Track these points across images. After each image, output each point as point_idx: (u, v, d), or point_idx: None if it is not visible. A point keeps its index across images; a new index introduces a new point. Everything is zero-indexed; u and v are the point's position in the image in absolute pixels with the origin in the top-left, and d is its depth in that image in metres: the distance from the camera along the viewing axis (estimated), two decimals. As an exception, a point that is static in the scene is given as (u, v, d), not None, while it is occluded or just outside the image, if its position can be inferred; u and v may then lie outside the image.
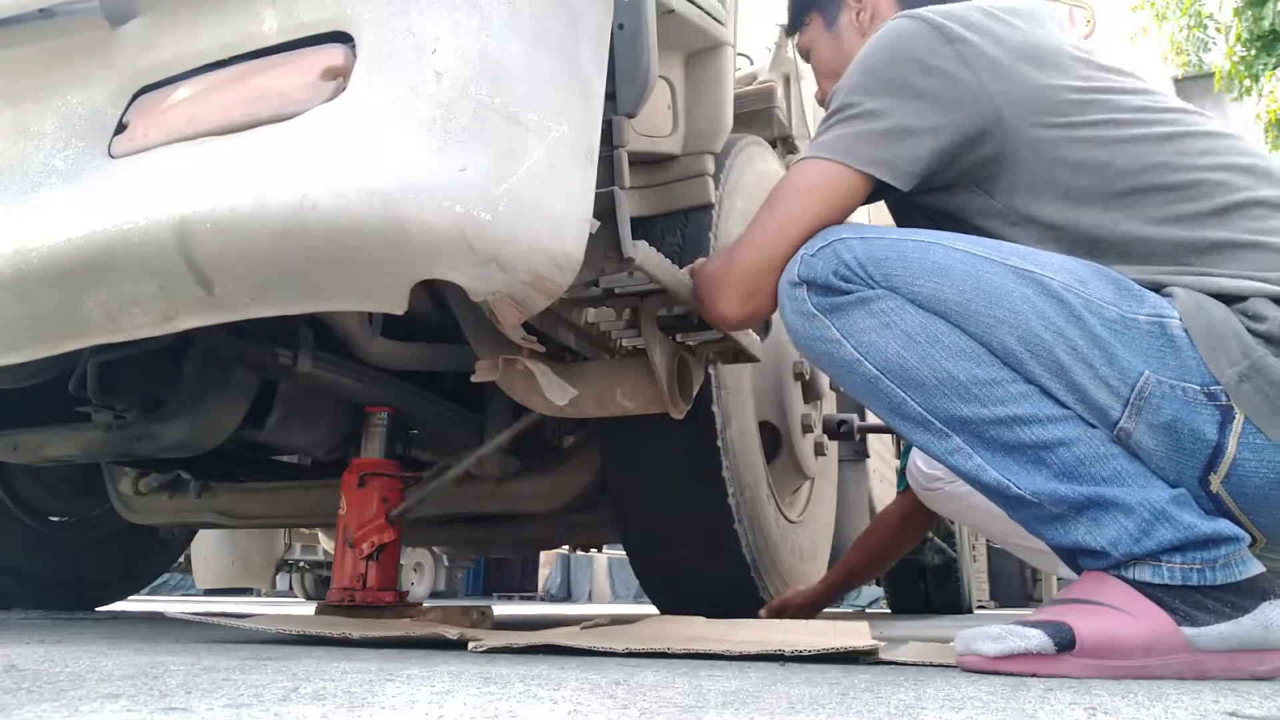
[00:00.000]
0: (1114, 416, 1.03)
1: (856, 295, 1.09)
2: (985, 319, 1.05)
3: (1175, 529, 0.99)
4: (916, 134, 1.16)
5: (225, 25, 1.02)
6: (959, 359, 1.06)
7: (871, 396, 1.12)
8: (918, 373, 1.07)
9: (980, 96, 1.15)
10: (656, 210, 1.69)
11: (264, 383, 1.85)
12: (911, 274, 1.08)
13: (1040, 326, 1.04)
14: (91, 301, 1.00)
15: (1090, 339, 1.03)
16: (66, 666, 0.92)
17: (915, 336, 1.07)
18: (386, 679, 0.84)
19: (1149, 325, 1.04)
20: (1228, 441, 1.01)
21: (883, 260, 1.09)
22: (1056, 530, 1.05)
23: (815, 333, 1.13)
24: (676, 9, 1.48)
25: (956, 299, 1.06)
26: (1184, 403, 1.01)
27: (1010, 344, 1.04)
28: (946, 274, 1.07)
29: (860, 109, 1.18)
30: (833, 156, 1.19)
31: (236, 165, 0.94)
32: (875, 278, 1.09)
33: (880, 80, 1.18)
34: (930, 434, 1.08)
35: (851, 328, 1.10)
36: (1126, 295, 1.06)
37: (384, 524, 1.56)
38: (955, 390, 1.06)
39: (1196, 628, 0.98)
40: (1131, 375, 1.02)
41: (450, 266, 0.95)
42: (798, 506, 2.19)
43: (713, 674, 0.95)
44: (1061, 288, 1.05)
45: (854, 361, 1.10)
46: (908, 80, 1.17)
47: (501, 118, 0.95)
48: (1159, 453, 1.03)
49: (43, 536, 2.51)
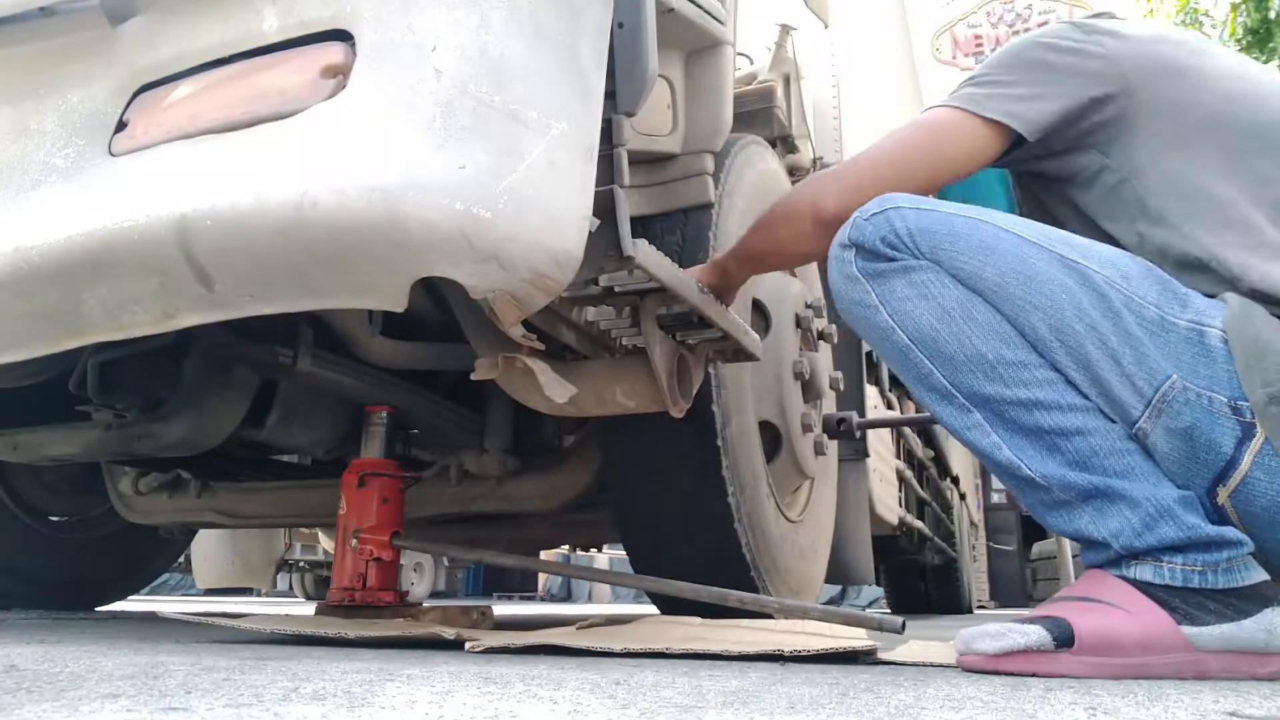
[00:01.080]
0: (1134, 415, 1.03)
1: (900, 264, 1.11)
2: (1020, 302, 1.06)
3: (1179, 527, 0.99)
4: (1045, 98, 1.20)
5: (225, 23, 1.01)
6: (989, 338, 1.07)
7: (900, 364, 1.13)
8: (947, 346, 1.08)
9: (1109, 68, 1.19)
10: (656, 209, 1.68)
11: (264, 382, 1.85)
12: (957, 249, 1.09)
13: (1074, 317, 1.04)
14: (92, 299, 1.00)
15: (1123, 336, 1.03)
16: (66, 666, 0.92)
17: (950, 311, 1.08)
18: (386, 679, 0.84)
19: (1187, 330, 1.04)
20: (1243, 457, 1.01)
21: (931, 232, 1.10)
22: (1061, 517, 1.06)
23: (855, 296, 1.14)
24: (676, 8, 1.48)
25: (996, 279, 1.07)
26: (1207, 412, 1.01)
27: (1041, 330, 1.05)
28: (990, 253, 1.08)
29: (992, 78, 1.24)
30: (962, 105, 1.23)
31: (237, 163, 0.94)
32: (921, 249, 1.10)
33: (1015, 60, 1.24)
34: (953, 407, 1.10)
35: (890, 295, 1.11)
36: (1170, 297, 1.06)
37: (386, 543, 1.56)
38: (981, 368, 1.07)
39: (1197, 627, 0.98)
40: (1158, 377, 1.02)
41: (450, 264, 0.95)
42: (797, 506, 2.18)
43: (713, 674, 0.95)
44: (1104, 281, 1.05)
45: (888, 329, 1.11)
46: (1041, 57, 1.22)
47: (501, 115, 0.95)
48: (1172, 457, 1.03)
49: (43, 536, 2.51)
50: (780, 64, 2.58)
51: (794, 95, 2.59)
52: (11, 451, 1.96)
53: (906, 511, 4.31)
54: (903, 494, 4.24)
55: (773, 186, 2.15)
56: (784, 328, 2.08)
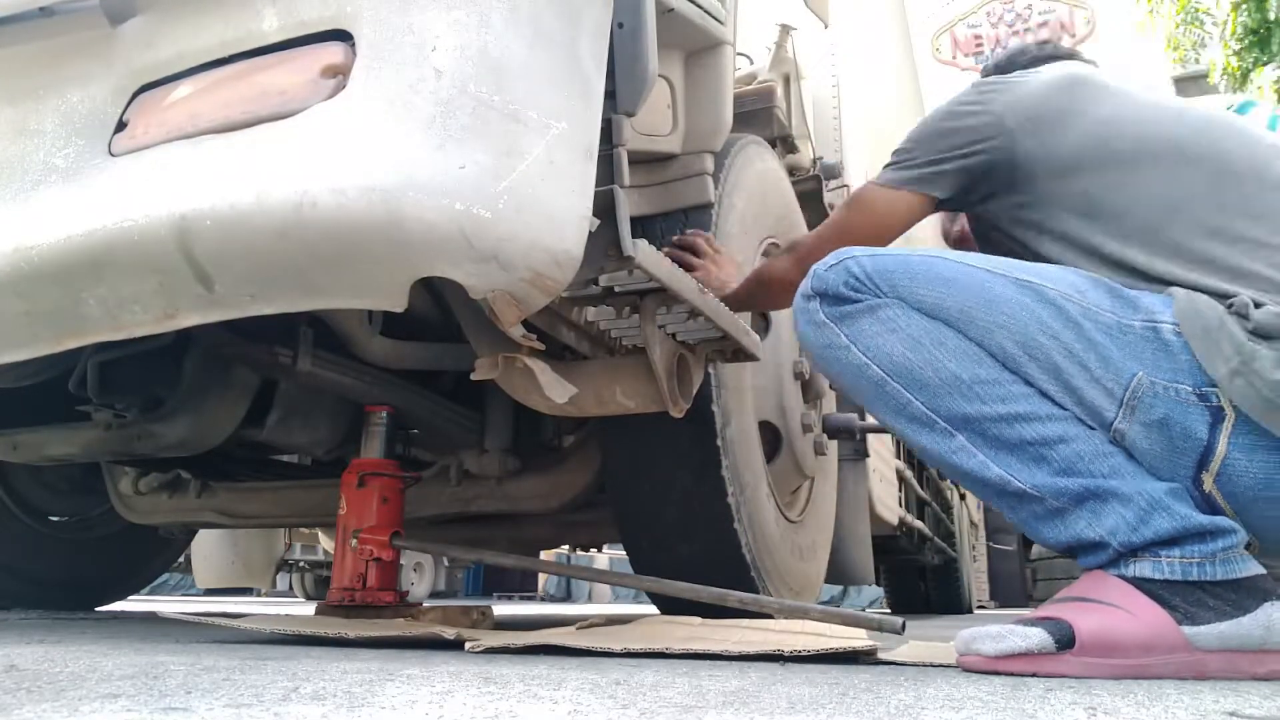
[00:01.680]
0: (1109, 417, 1.06)
1: (865, 304, 1.15)
2: (985, 324, 1.10)
3: (1172, 518, 1.01)
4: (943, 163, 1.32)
5: (225, 23, 1.01)
6: (962, 360, 1.10)
7: (878, 399, 1.16)
8: (922, 373, 1.11)
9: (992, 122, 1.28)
10: (656, 209, 1.68)
11: (264, 382, 1.85)
12: (916, 284, 1.14)
13: (1037, 330, 1.09)
14: (92, 299, 1.00)
15: (1086, 343, 1.08)
16: (66, 666, 0.92)
17: (920, 339, 1.12)
18: (386, 679, 0.84)
19: (1143, 330, 1.08)
20: (1218, 440, 1.04)
21: (890, 271, 1.15)
22: (1056, 526, 1.07)
23: (825, 340, 1.18)
24: (676, 8, 1.48)
25: (958, 306, 1.12)
26: (1176, 402, 1.05)
27: (1009, 347, 1.09)
28: (950, 284, 1.13)
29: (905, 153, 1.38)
30: (883, 183, 1.39)
31: (236, 163, 0.94)
32: (882, 288, 1.15)
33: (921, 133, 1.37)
34: (935, 433, 1.12)
35: (859, 334, 1.15)
36: (1122, 302, 1.11)
37: (386, 543, 1.56)
38: (958, 389, 1.10)
39: (1196, 626, 0.98)
40: (1125, 376, 1.06)
41: (450, 264, 0.95)
42: (797, 506, 2.18)
43: (713, 674, 0.95)
44: (1059, 296, 1.10)
45: (862, 365, 1.15)
46: (939, 126, 1.35)
47: (501, 115, 0.95)
48: (1153, 451, 1.06)
49: (42, 536, 2.50)
50: (780, 64, 2.58)
51: (794, 95, 2.59)
52: (11, 451, 1.96)
53: (906, 511, 4.31)
54: (903, 494, 4.24)
55: (772, 186, 2.15)
56: (784, 328, 2.08)
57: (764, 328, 2.02)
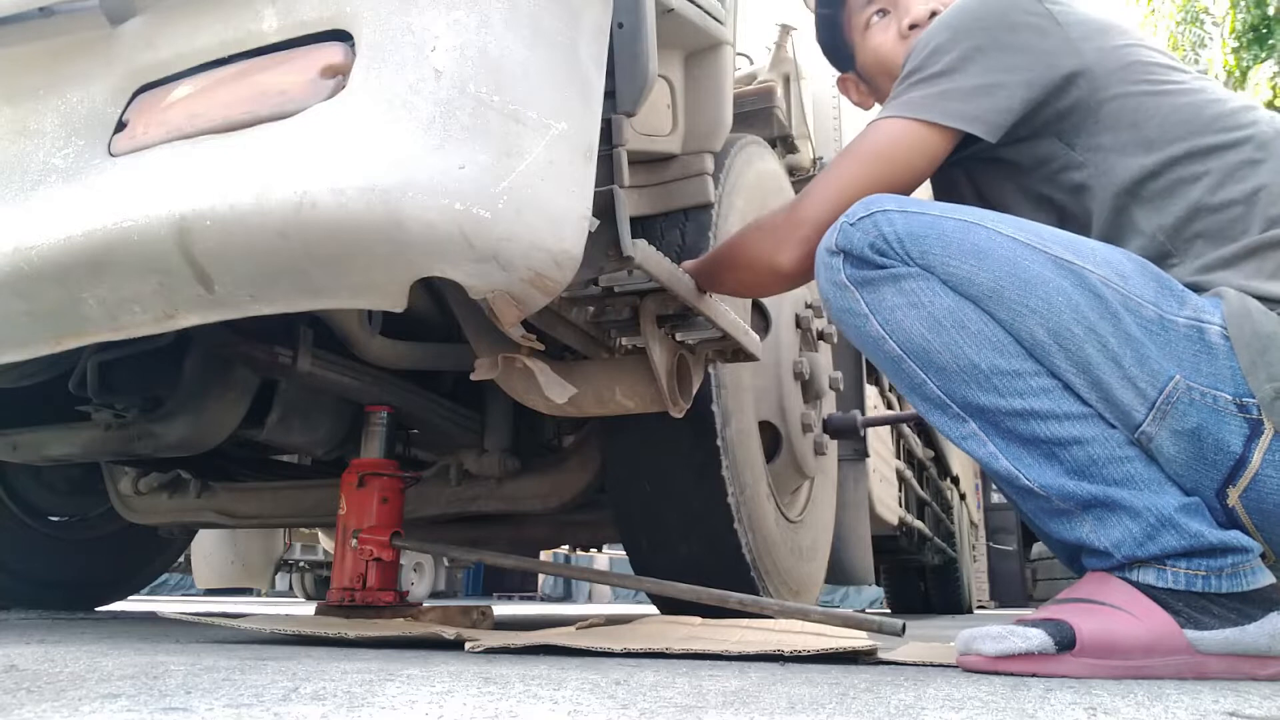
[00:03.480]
0: (1137, 419, 1.01)
1: (889, 271, 1.08)
2: (1016, 307, 1.04)
3: (1181, 536, 0.98)
4: (1006, 87, 1.15)
5: (225, 23, 1.01)
6: (982, 347, 1.05)
7: (894, 373, 1.12)
8: (939, 357, 1.06)
9: (1068, 50, 1.16)
10: (656, 209, 1.68)
11: (264, 382, 1.85)
12: (948, 254, 1.06)
13: (1072, 320, 1.02)
14: (91, 299, 1.00)
15: (1123, 337, 1.01)
16: (66, 666, 0.92)
17: (941, 320, 1.06)
18: (386, 679, 0.84)
19: (1187, 328, 1.02)
20: (1253, 455, 0.99)
21: (921, 237, 1.07)
22: (1061, 525, 1.05)
23: (845, 304, 1.12)
24: (676, 8, 1.48)
25: (991, 283, 1.04)
26: (1213, 411, 0.99)
27: (1039, 335, 1.03)
28: (984, 257, 1.05)
29: (943, 67, 1.18)
30: (918, 115, 1.18)
31: (236, 163, 0.94)
32: (911, 255, 1.07)
33: (967, 38, 1.18)
34: (947, 416, 1.09)
35: (880, 304, 1.09)
36: (1167, 295, 1.04)
37: (386, 543, 1.56)
38: (975, 378, 1.05)
39: (1200, 631, 0.97)
40: (1161, 378, 1.00)
41: (449, 264, 0.95)
42: (797, 506, 2.18)
43: (713, 674, 0.95)
44: (1100, 282, 1.03)
45: (879, 338, 1.10)
46: (996, 37, 1.16)
47: (501, 115, 0.95)
48: (1179, 460, 1.01)
49: (42, 536, 2.51)
50: (780, 64, 2.58)
51: (794, 95, 2.59)
52: (11, 451, 1.96)
53: (906, 511, 4.32)
54: (903, 494, 4.24)
55: (772, 186, 2.15)
56: (784, 328, 2.08)
57: (764, 328, 2.02)
